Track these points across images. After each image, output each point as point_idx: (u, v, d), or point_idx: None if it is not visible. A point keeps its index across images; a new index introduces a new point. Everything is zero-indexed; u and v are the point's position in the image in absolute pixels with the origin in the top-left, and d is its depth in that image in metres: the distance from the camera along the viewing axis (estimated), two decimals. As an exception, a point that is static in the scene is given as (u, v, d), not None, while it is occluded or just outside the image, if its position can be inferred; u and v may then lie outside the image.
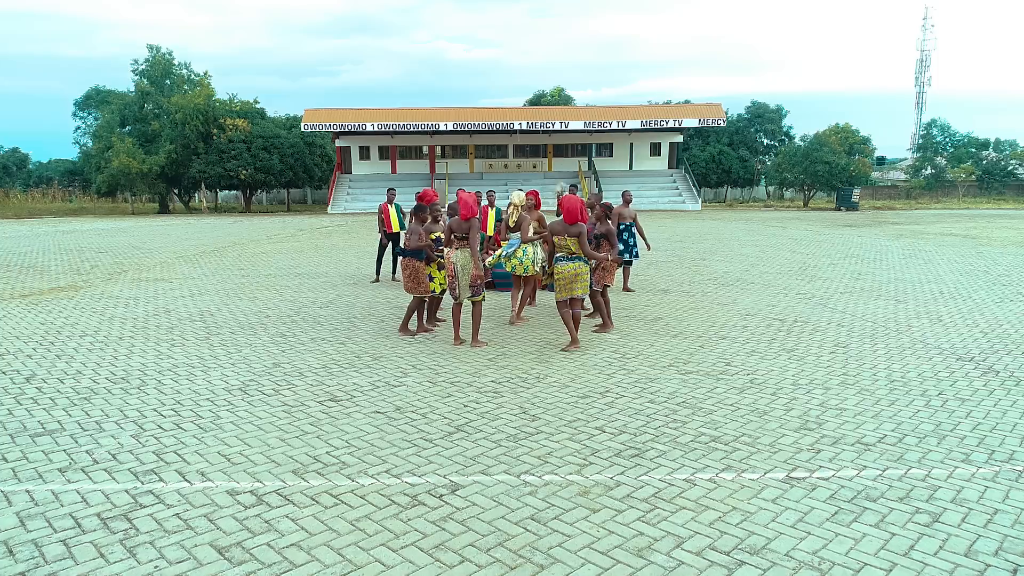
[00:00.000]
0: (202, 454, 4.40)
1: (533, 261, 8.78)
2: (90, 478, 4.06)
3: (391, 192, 12.14)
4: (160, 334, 7.90)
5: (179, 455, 4.39)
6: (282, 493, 3.86)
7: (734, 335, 7.82)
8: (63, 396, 5.59)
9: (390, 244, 12.17)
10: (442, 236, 7.66)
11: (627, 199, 11.01)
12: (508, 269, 8.99)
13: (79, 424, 4.95)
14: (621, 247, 10.57)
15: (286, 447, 4.52)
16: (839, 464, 4.28)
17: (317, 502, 3.76)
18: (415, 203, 8.05)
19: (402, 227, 12.13)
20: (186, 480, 4.02)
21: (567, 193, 10.45)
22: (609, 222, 7.94)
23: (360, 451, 4.46)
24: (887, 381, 6.04)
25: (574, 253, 7.13)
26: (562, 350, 7.07)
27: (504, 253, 8.76)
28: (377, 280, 12.07)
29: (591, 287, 7.98)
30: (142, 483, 3.99)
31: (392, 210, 11.97)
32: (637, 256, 11.04)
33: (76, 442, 4.61)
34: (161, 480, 4.03)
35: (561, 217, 7.30)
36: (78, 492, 3.87)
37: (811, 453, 4.44)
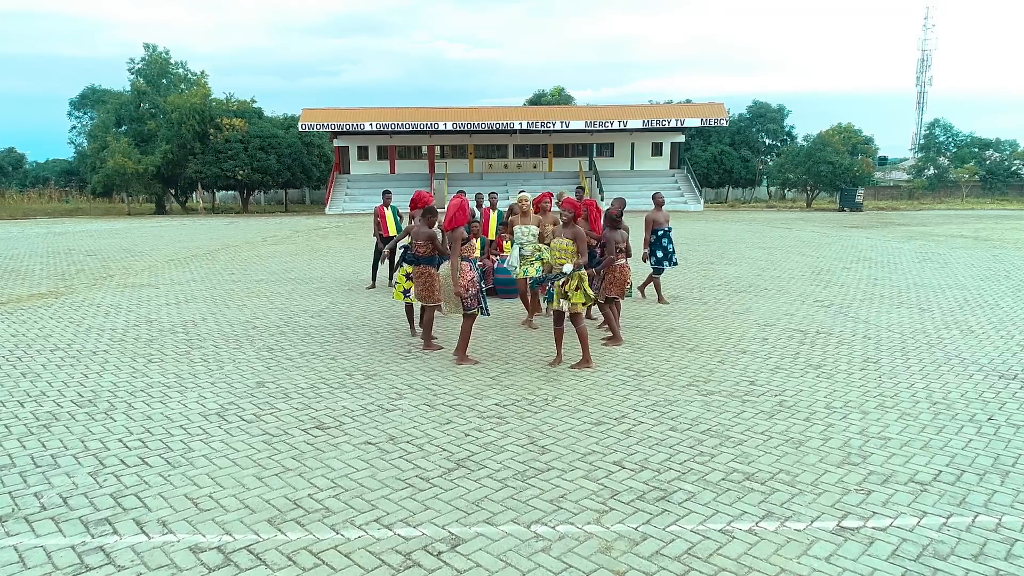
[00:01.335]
0: (166, 497, 3.86)
1: (516, 265, 8.45)
2: (33, 529, 3.51)
3: (387, 195, 11.59)
4: (138, 348, 7.35)
5: (139, 499, 3.84)
6: (253, 550, 3.32)
7: (754, 349, 7.29)
8: (20, 423, 5.05)
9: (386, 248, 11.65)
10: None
11: (659, 202, 10.01)
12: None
13: (32, 459, 4.40)
14: (659, 255, 9.89)
15: (263, 488, 3.97)
16: (895, 509, 3.74)
17: (294, 562, 3.22)
18: (425, 206, 7.46)
19: (398, 229, 11.60)
20: (143, 532, 3.48)
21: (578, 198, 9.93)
22: (620, 231, 7.40)
23: (347, 493, 3.92)
24: (929, 404, 5.51)
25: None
26: (571, 367, 6.54)
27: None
28: (373, 286, 11.53)
29: (597, 299, 7.45)
30: (92, 536, 3.44)
31: (388, 213, 11.43)
32: (675, 263, 10.16)
33: (25, 482, 4.07)
34: (115, 532, 3.48)
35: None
36: (16, 549, 3.33)
37: (860, 495, 3.90)
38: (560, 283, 6.43)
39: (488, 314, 6.80)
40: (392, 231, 11.42)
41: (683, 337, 7.81)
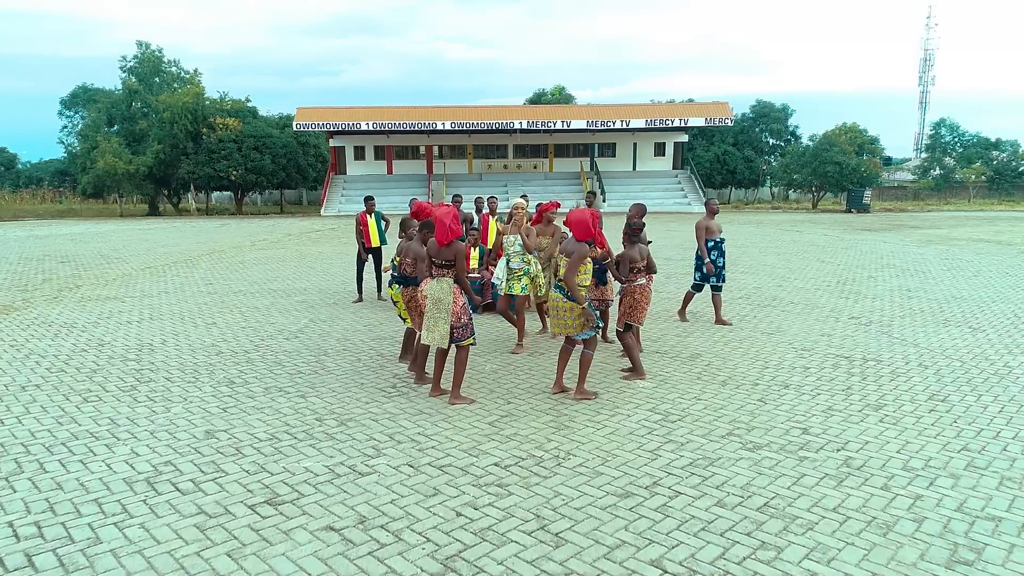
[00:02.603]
0: (41, 629, 2.82)
1: (502, 279, 7.60)
2: None
3: (369, 201, 10.48)
4: (78, 381, 6.30)
5: (4, 632, 2.81)
6: None
7: (797, 382, 6.25)
8: None
9: (371, 259, 10.58)
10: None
11: (713, 209, 8.78)
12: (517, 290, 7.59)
13: None
14: (705, 269, 8.66)
15: (179, 610, 2.94)
16: (1049, 647, 2.71)
17: None
18: (420, 219, 6.43)
19: (382, 240, 10.52)
20: None
21: (583, 205, 8.88)
22: (640, 246, 6.36)
23: (293, 618, 2.88)
24: (1029, 462, 4.47)
25: (560, 280, 5.70)
26: (552, 392, 5.84)
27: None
28: (360, 299, 10.48)
29: (615, 327, 6.43)
30: None
31: (371, 221, 10.35)
32: (723, 279, 8.86)
33: None
34: None
35: (571, 235, 5.82)
36: None
37: (994, 621, 2.87)
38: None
39: (475, 343, 5.76)
40: (375, 241, 10.37)
41: (711, 366, 6.77)
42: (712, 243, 8.70)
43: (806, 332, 8.28)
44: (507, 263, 7.63)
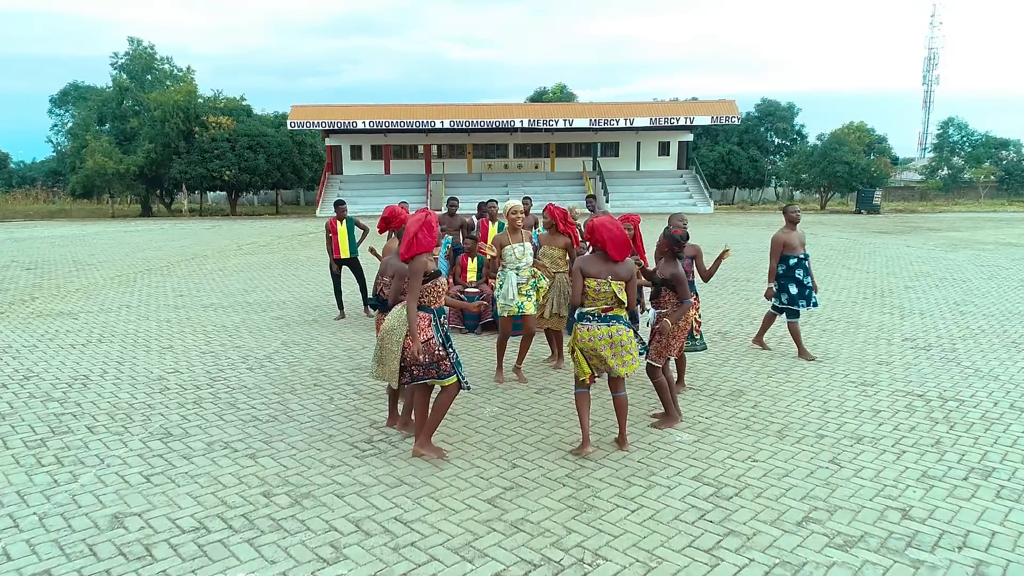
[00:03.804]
0: None
1: (505, 296, 6.35)
2: None
3: (340, 206, 9.23)
4: (-21, 431, 5.10)
5: None
6: None
7: (870, 432, 5.04)
8: None
9: (349, 270, 9.34)
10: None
11: (794, 218, 7.16)
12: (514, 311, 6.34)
13: None
14: (794, 291, 7.08)
15: None
16: None
17: None
18: (393, 227, 5.25)
19: (353, 251, 9.24)
20: None
21: (587, 210, 7.67)
22: (680, 261, 5.15)
23: None
24: None
25: (609, 309, 4.46)
26: (571, 452, 4.62)
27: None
28: (342, 316, 9.27)
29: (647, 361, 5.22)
30: None
31: (342, 228, 9.08)
32: (816, 304, 7.26)
33: None
34: None
35: (592, 251, 4.62)
36: None
37: None
38: None
39: (468, 388, 4.56)
40: (345, 251, 9.09)
41: (760, 408, 5.56)
42: (795, 260, 7.08)
43: (860, 359, 7.08)
44: (515, 277, 6.31)
